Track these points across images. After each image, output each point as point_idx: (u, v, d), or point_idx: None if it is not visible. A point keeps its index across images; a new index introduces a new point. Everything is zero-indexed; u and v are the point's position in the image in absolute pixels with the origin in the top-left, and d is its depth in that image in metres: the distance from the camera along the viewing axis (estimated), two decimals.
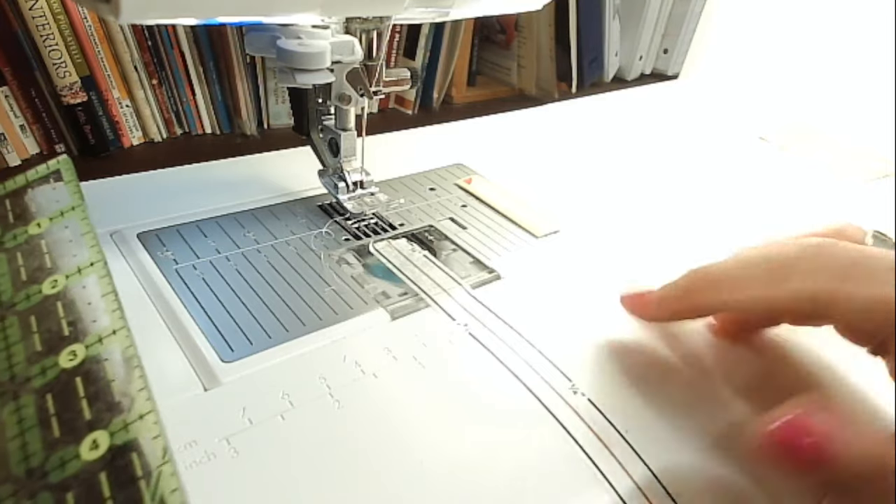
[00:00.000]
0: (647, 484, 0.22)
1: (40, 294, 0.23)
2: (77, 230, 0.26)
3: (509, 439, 0.23)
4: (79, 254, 0.25)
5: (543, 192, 0.42)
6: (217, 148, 0.52)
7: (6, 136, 0.45)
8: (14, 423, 0.18)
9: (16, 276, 0.24)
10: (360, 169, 0.36)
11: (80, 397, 0.19)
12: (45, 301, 0.23)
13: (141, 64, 0.48)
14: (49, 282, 0.24)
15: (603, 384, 0.26)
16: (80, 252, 0.25)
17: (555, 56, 0.68)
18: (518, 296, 0.31)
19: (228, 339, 0.26)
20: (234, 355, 0.25)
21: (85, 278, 0.24)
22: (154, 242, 0.31)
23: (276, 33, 0.28)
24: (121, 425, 0.18)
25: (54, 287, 0.23)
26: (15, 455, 0.18)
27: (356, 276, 0.31)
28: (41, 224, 0.27)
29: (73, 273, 0.24)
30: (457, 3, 0.30)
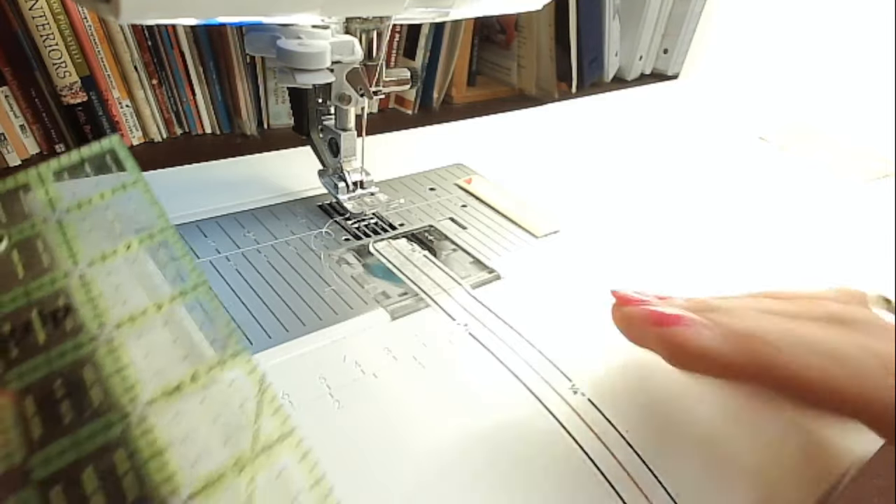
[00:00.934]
0: (647, 484, 0.22)
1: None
2: (141, 200, 0.27)
3: (509, 439, 0.23)
4: (147, 221, 0.26)
5: (543, 192, 0.42)
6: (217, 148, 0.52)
7: (6, 136, 0.45)
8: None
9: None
10: (360, 169, 0.36)
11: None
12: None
13: (141, 64, 0.48)
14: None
15: (603, 384, 0.26)
16: (149, 219, 0.26)
17: (555, 56, 0.68)
18: (518, 296, 0.31)
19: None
20: None
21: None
22: None
23: (276, 33, 0.28)
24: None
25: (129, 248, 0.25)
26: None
27: (356, 276, 0.31)
28: (104, 195, 0.28)
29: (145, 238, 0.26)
30: (457, 3, 0.30)
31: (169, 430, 0.19)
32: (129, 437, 0.19)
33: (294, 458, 0.19)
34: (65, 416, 0.19)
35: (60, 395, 0.20)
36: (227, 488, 0.18)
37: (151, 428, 0.19)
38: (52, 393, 0.20)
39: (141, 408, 0.19)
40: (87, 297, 0.23)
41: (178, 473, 0.18)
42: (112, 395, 0.20)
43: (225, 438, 0.19)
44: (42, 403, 0.19)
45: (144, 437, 0.19)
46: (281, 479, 0.19)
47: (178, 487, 0.17)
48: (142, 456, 0.18)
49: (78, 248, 0.25)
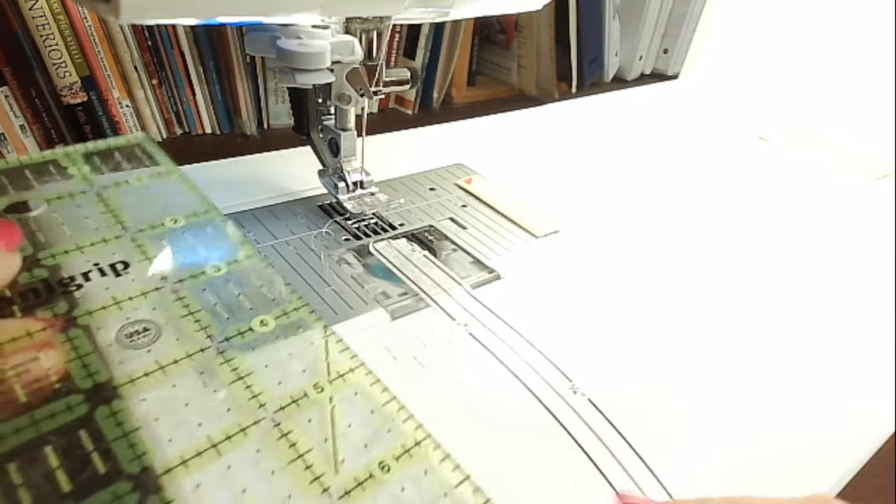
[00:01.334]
0: (647, 483, 0.22)
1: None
2: (180, 187, 0.30)
3: (509, 439, 0.23)
4: (190, 203, 0.29)
5: (543, 192, 0.42)
6: (217, 148, 0.52)
7: (6, 135, 0.45)
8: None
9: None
10: (360, 169, 0.36)
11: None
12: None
13: (141, 64, 0.48)
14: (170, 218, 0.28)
15: (603, 384, 0.26)
16: (192, 202, 0.29)
17: (555, 56, 0.68)
18: (518, 296, 0.31)
19: None
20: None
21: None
22: None
23: (276, 33, 0.28)
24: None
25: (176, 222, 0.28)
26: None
27: (356, 276, 0.31)
28: (141, 178, 0.30)
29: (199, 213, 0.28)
30: (457, 3, 0.30)
31: (254, 359, 0.22)
32: (211, 366, 0.22)
33: (366, 384, 0.22)
34: (140, 348, 0.22)
35: (137, 331, 0.22)
36: (312, 403, 0.21)
37: (230, 359, 0.22)
38: (124, 327, 0.22)
39: (217, 344, 0.22)
40: (145, 256, 0.25)
41: (264, 392, 0.21)
42: (188, 333, 0.22)
43: (304, 367, 0.22)
44: (120, 339, 0.22)
45: (231, 363, 0.22)
46: (357, 398, 0.21)
47: (266, 403, 0.20)
48: (226, 380, 0.21)
49: (124, 217, 0.27)
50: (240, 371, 0.21)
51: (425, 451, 0.20)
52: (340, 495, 0.18)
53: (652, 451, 0.23)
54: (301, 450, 0.19)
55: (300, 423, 0.20)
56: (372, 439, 0.20)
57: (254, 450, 0.19)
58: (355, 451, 0.20)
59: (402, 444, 0.20)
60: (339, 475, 0.19)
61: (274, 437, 0.20)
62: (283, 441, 0.19)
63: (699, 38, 0.78)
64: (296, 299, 0.25)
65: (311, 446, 0.19)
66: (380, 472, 0.19)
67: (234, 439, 0.19)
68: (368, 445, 0.20)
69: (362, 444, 0.20)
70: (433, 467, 0.20)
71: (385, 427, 0.21)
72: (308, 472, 0.19)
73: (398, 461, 0.20)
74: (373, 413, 0.21)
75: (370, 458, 0.19)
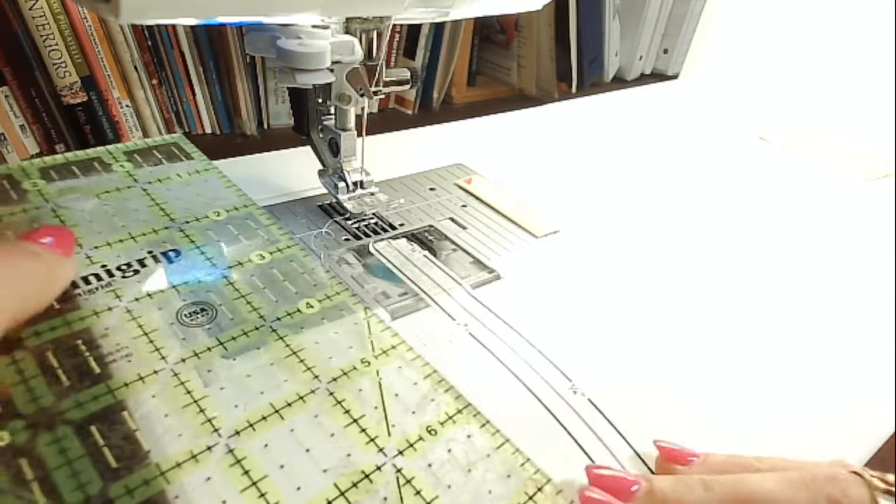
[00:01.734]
0: None
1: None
2: (218, 183, 0.33)
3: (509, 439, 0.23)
4: (229, 198, 0.32)
5: (543, 192, 0.42)
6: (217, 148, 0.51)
7: (6, 136, 0.45)
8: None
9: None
10: (360, 169, 0.36)
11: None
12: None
13: (141, 64, 0.48)
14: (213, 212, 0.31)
15: (603, 384, 0.26)
16: (231, 197, 0.32)
17: (555, 56, 0.68)
18: (518, 296, 0.31)
19: None
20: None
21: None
22: None
23: (276, 33, 0.28)
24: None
25: (217, 216, 0.30)
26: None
27: (356, 276, 0.31)
28: (181, 175, 0.33)
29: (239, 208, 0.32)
30: (457, 3, 0.30)
31: (304, 337, 0.25)
32: (267, 341, 0.24)
33: (408, 358, 0.25)
34: (199, 326, 0.24)
35: (195, 311, 0.25)
36: (361, 374, 0.23)
37: (283, 336, 0.24)
38: (183, 308, 0.25)
39: (270, 323, 0.25)
40: (193, 245, 0.28)
41: (317, 366, 0.23)
42: (241, 314, 0.25)
43: (350, 344, 0.25)
44: (180, 317, 0.24)
45: (284, 340, 0.24)
46: (401, 371, 0.24)
47: (319, 375, 0.23)
48: (280, 355, 0.24)
49: (170, 209, 0.30)
50: (293, 346, 0.24)
51: (467, 418, 0.22)
52: (394, 455, 0.20)
53: (652, 452, 0.23)
54: (355, 415, 0.21)
55: (352, 392, 0.22)
56: (418, 407, 0.22)
57: (313, 415, 0.21)
58: (404, 417, 0.22)
59: (446, 412, 0.22)
60: (391, 437, 0.21)
61: (330, 403, 0.22)
62: (338, 408, 0.22)
63: (699, 38, 0.78)
64: (336, 284, 0.27)
65: (363, 413, 0.22)
66: (428, 435, 0.21)
67: (294, 406, 0.21)
68: (416, 412, 0.22)
69: (409, 411, 0.22)
70: (475, 432, 0.22)
71: (429, 396, 0.23)
72: (364, 434, 0.21)
73: (443, 426, 0.22)
74: (416, 385, 0.23)
75: (418, 422, 0.22)
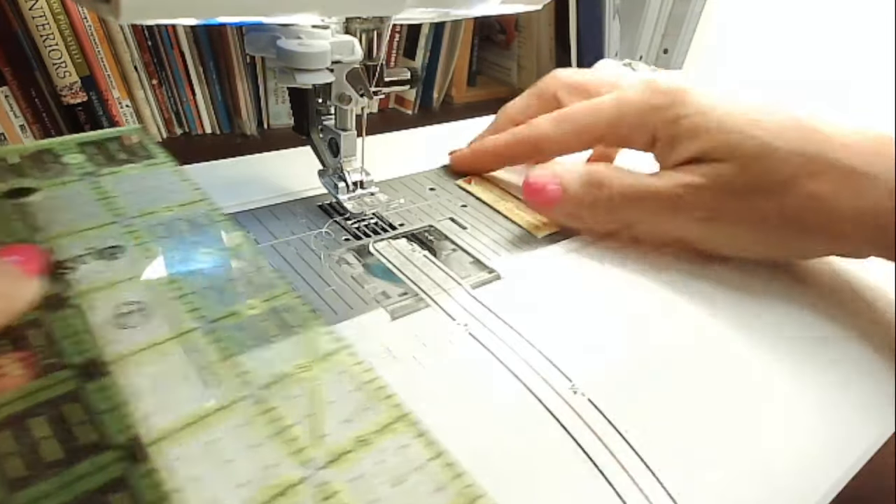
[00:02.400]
0: (647, 484, 0.22)
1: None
2: (173, 177, 0.31)
3: (509, 439, 0.23)
4: (183, 193, 0.30)
5: None
6: (217, 148, 0.52)
7: (6, 136, 0.45)
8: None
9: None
10: (360, 169, 0.36)
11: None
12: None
13: (141, 64, 0.48)
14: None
15: (603, 384, 0.26)
16: (185, 192, 0.30)
17: (555, 56, 0.68)
18: (518, 296, 0.31)
19: None
20: None
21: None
22: None
23: (276, 33, 0.28)
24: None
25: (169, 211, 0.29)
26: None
27: (356, 276, 0.31)
28: (135, 168, 0.31)
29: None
30: (457, 3, 0.30)
31: (241, 340, 0.23)
32: (198, 345, 0.22)
33: (349, 363, 0.23)
34: (131, 327, 0.22)
35: (128, 311, 0.23)
36: (297, 381, 0.22)
37: (218, 340, 0.23)
38: (116, 307, 0.23)
39: (207, 324, 0.23)
40: (138, 242, 0.26)
41: (251, 372, 0.22)
42: (177, 314, 0.23)
43: (289, 348, 0.23)
44: (111, 320, 0.23)
45: (219, 343, 0.22)
46: (341, 377, 0.22)
47: (252, 381, 0.21)
48: (220, 356, 0.22)
49: (118, 204, 0.28)
50: (228, 351, 0.22)
51: (404, 427, 0.21)
52: (320, 466, 0.19)
53: (652, 452, 0.23)
54: (284, 424, 0.20)
55: (285, 400, 0.21)
56: (353, 416, 0.21)
57: (237, 424, 0.20)
58: (337, 426, 0.21)
59: (382, 421, 0.21)
60: (320, 448, 0.20)
61: (258, 411, 0.20)
62: (267, 416, 0.20)
63: (699, 38, 0.78)
64: (283, 284, 0.26)
65: (293, 421, 0.20)
66: (360, 446, 0.20)
67: (218, 414, 0.20)
68: (350, 421, 0.21)
69: (344, 420, 0.21)
70: (411, 442, 0.21)
71: (367, 404, 0.22)
72: (290, 444, 0.20)
73: (378, 435, 0.21)
74: (354, 392, 0.22)
75: (351, 432, 0.20)
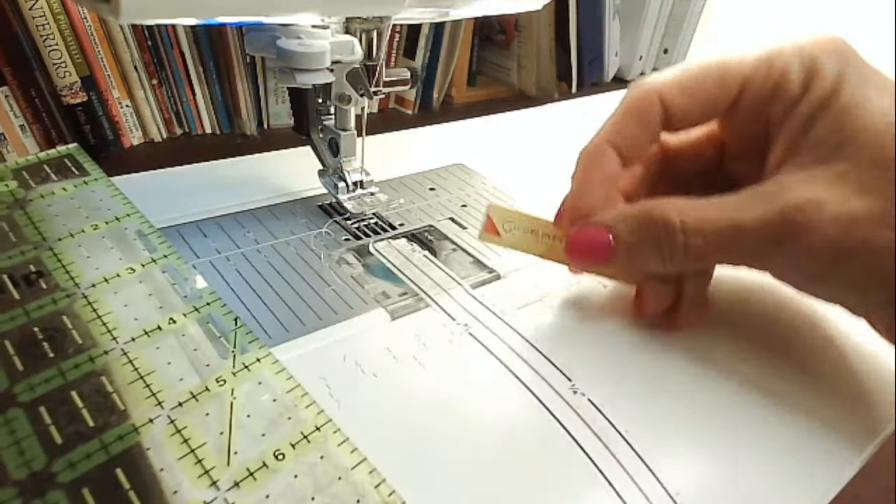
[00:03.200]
0: (647, 484, 0.22)
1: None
2: (105, 193, 0.31)
3: (509, 439, 0.23)
4: (113, 208, 0.30)
5: (543, 192, 0.42)
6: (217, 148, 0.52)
7: (6, 135, 0.45)
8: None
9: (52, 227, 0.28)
10: (360, 169, 0.36)
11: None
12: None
13: (141, 64, 0.48)
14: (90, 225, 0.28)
15: (603, 384, 0.26)
16: (115, 207, 0.30)
17: (555, 56, 0.68)
18: (518, 296, 0.31)
19: None
20: None
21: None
22: None
23: (276, 33, 0.28)
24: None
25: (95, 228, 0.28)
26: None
27: (356, 276, 0.31)
28: (66, 188, 0.31)
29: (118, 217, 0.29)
30: (457, 3, 0.30)
31: (157, 357, 0.22)
32: (111, 367, 0.22)
33: (272, 372, 0.22)
34: (47, 354, 0.22)
35: (41, 338, 0.22)
36: (212, 396, 0.21)
37: (134, 359, 0.22)
38: (32, 335, 0.22)
39: (122, 345, 0.22)
40: (60, 264, 0.26)
41: (164, 390, 0.21)
42: (92, 336, 0.23)
43: (208, 362, 0.22)
44: (21, 345, 0.22)
45: (125, 367, 0.22)
46: (260, 388, 0.22)
47: (164, 400, 0.21)
48: (124, 379, 0.21)
49: (46, 228, 0.28)
50: (141, 370, 0.22)
51: (324, 436, 0.20)
52: (229, 487, 0.18)
53: (652, 452, 0.23)
54: (194, 444, 0.19)
55: (197, 418, 0.20)
56: (270, 428, 0.20)
57: (145, 448, 0.19)
58: (251, 441, 0.20)
59: (301, 431, 0.20)
60: (230, 466, 0.19)
61: (168, 433, 0.20)
62: (177, 437, 0.19)
63: (699, 38, 0.78)
64: (208, 294, 0.25)
65: (205, 440, 0.19)
66: (273, 461, 0.19)
67: (125, 439, 0.19)
68: (266, 434, 0.20)
69: (259, 434, 0.20)
70: (330, 452, 0.20)
71: (286, 415, 0.21)
72: (198, 467, 0.19)
73: (295, 448, 0.20)
74: (275, 402, 0.21)
75: (265, 447, 0.20)
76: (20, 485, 0.17)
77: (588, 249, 0.26)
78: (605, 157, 0.27)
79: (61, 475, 0.18)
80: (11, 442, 0.19)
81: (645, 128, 0.26)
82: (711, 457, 0.23)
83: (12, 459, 0.18)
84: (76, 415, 0.20)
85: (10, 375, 0.21)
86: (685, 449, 0.23)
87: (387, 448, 0.22)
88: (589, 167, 0.27)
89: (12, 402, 0.20)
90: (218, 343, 0.23)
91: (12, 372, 0.21)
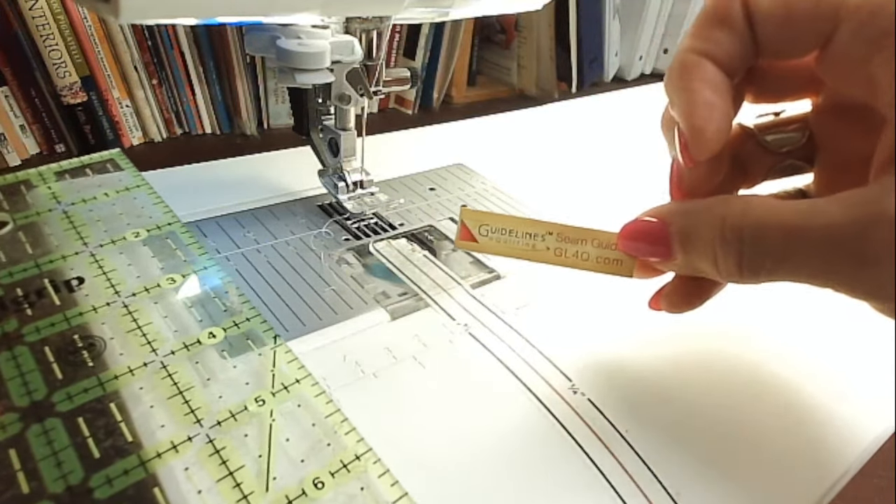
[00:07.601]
0: (647, 484, 0.22)
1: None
2: (147, 200, 0.31)
3: (510, 439, 0.23)
4: (154, 215, 0.30)
5: (543, 192, 0.42)
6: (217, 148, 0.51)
7: (6, 136, 0.45)
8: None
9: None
10: (360, 169, 0.36)
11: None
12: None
13: (141, 64, 0.48)
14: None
15: (603, 384, 0.26)
16: (156, 215, 0.30)
17: (555, 56, 0.68)
18: (518, 296, 0.31)
19: None
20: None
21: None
22: None
23: (276, 33, 0.28)
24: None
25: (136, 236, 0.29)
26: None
27: (356, 276, 0.31)
28: (108, 193, 0.31)
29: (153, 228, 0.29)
30: (457, 3, 0.30)
31: (197, 372, 0.22)
32: (151, 381, 0.21)
33: (311, 394, 0.22)
34: (86, 362, 0.22)
35: (81, 346, 0.22)
36: (251, 416, 0.20)
37: (173, 373, 0.22)
38: (72, 342, 0.22)
39: (161, 358, 0.22)
40: (101, 271, 0.26)
41: (203, 407, 0.20)
42: (133, 347, 0.22)
43: (247, 380, 0.22)
44: (61, 352, 0.22)
45: (165, 380, 0.21)
46: (299, 410, 0.21)
47: (203, 418, 0.20)
48: (164, 394, 0.21)
49: (87, 233, 0.28)
50: (181, 385, 0.21)
51: (364, 466, 0.19)
52: None
53: (652, 452, 0.23)
54: (232, 467, 0.19)
55: (236, 439, 0.19)
56: (309, 453, 0.19)
57: (183, 467, 0.18)
58: (291, 467, 0.19)
59: (341, 459, 0.19)
60: (268, 493, 0.18)
61: (206, 453, 0.19)
62: (215, 458, 0.19)
63: None
64: (248, 309, 0.25)
65: (243, 463, 0.19)
66: (312, 489, 0.18)
67: (164, 456, 0.19)
68: (305, 460, 0.19)
69: (299, 459, 0.19)
70: (370, 483, 0.19)
71: (325, 440, 0.20)
72: (236, 491, 0.18)
73: (334, 477, 0.19)
74: (314, 426, 0.20)
75: (305, 473, 0.19)
76: (56, 499, 0.17)
77: (645, 240, 0.22)
78: (699, 67, 0.21)
79: (97, 491, 0.17)
80: (49, 453, 0.18)
81: (732, 31, 0.21)
82: (711, 457, 0.23)
83: (50, 472, 0.18)
84: (114, 428, 0.19)
85: (48, 383, 0.20)
86: (685, 449, 0.23)
87: (387, 448, 0.22)
88: (687, 78, 0.21)
89: (50, 412, 0.19)
90: (259, 360, 0.23)
91: (51, 380, 0.20)
